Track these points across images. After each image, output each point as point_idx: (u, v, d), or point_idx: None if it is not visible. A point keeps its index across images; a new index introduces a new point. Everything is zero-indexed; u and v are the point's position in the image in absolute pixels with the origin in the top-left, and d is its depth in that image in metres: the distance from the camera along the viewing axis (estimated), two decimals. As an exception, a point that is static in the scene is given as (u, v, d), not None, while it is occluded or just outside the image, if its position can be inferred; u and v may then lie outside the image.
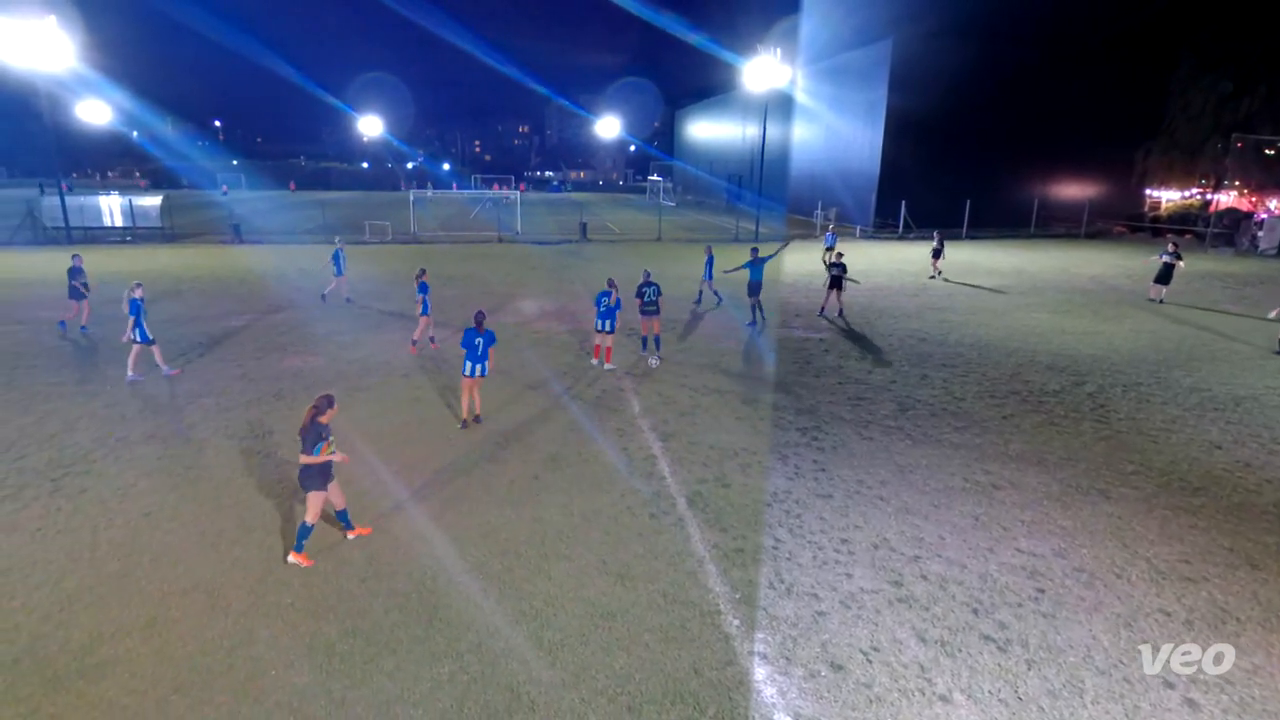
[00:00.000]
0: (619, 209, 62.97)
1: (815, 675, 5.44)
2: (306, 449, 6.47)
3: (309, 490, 6.64)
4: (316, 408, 6.54)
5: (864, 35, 42.37)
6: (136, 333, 12.07)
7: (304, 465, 6.53)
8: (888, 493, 8.40)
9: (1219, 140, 39.06)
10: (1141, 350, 15.00)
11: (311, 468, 6.54)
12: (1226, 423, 10.82)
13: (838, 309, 18.14)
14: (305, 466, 6.54)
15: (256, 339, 15.38)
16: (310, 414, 6.51)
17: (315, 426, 6.49)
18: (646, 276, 13.88)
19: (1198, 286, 22.68)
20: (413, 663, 5.53)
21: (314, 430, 6.48)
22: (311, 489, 6.63)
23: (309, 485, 6.63)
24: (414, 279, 14.49)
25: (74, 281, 15.39)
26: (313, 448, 6.45)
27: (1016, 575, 6.76)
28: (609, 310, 12.80)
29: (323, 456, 6.50)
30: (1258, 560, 7.04)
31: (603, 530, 7.52)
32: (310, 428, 6.48)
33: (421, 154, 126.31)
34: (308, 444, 6.47)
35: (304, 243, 33.74)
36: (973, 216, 38.19)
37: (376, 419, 10.73)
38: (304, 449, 6.48)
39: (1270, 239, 32.49)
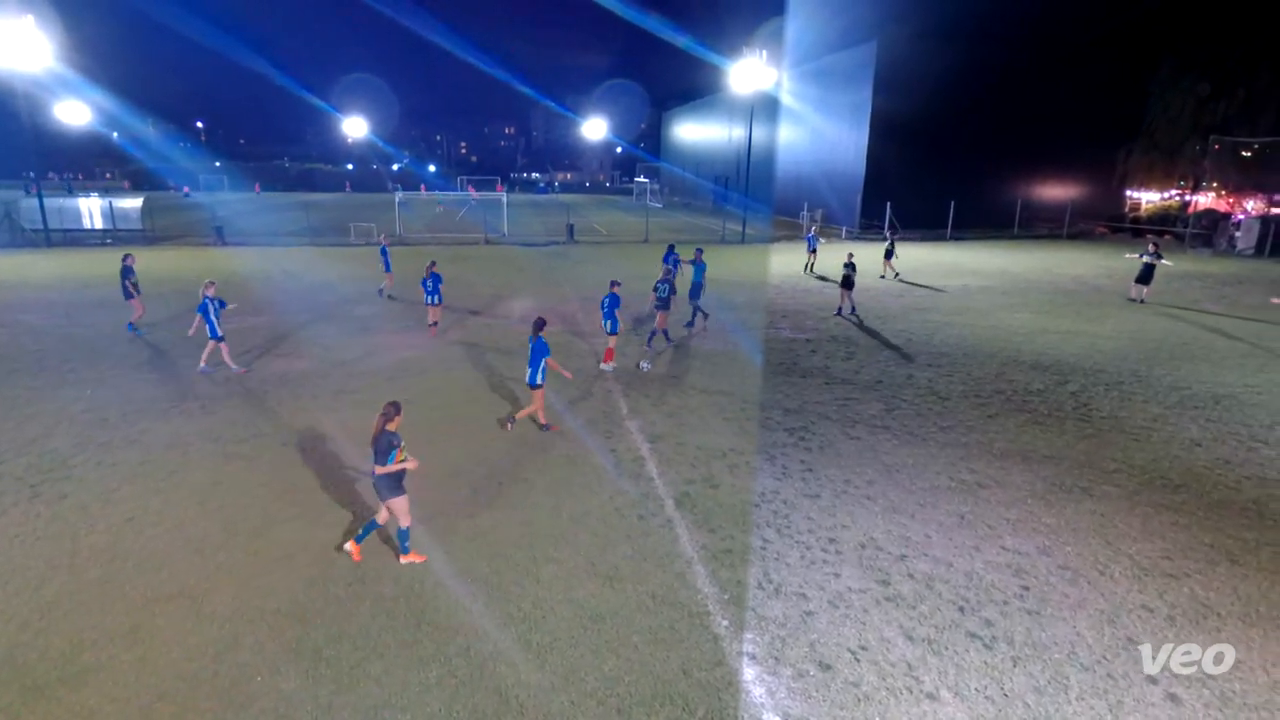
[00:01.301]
0: (606, 210, 62.97)
1: (804, 675, 5.46)
2: (380, 459, 6.43)
3: (390, 498, 6.60)
4: (385, 415, 6.51)
5: (849, 37, 42.62)
6: (208, 329, 12.43)
7: (380, 474, 6.49)
8: (874, 492, 8.45)
9: (1197, 142, 39.62)
10: (1123, 349, 15.18)
11: (388, 476, 6.52)
12: (1206, 420, 10.98)
13: (850, 307, 18.47)
14: (381, 475, 6.50)
15: (240, 342, 15.22)
16: (380, 422, 6.48)
17: (386, 435, 6.45)
18: (666, 274, 14.93)
19: (1177, 286, 23.00)
20: (400, 667, 5.50)
21: (385, 439, 6.44)
22: (391, 496, 6.60)
23: (388, 494, 6.58)
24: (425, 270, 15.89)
25: (125, 281, 15.57)
26: (386, 457, 6.41)
27: (1002, 573, 6.82)
28: (609, 310, 13.10)
29: (395, 465, 6.47)
30: (1237, 556, 7.15)
31: (591, 532, 7.51)
32: (381, 437, 6.44)
33: (407, 155, 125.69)
34: (380, 453, 6.42)
35: (288, 245, 33.48)
36: (957, 217, 38.52)
37: (364, 421, 10.63)
38: (377, 459, 6.44)
39: (1247, 239, 33.00)
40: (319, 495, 8.27)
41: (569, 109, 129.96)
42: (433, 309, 15.95)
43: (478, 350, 14.80)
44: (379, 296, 20.15)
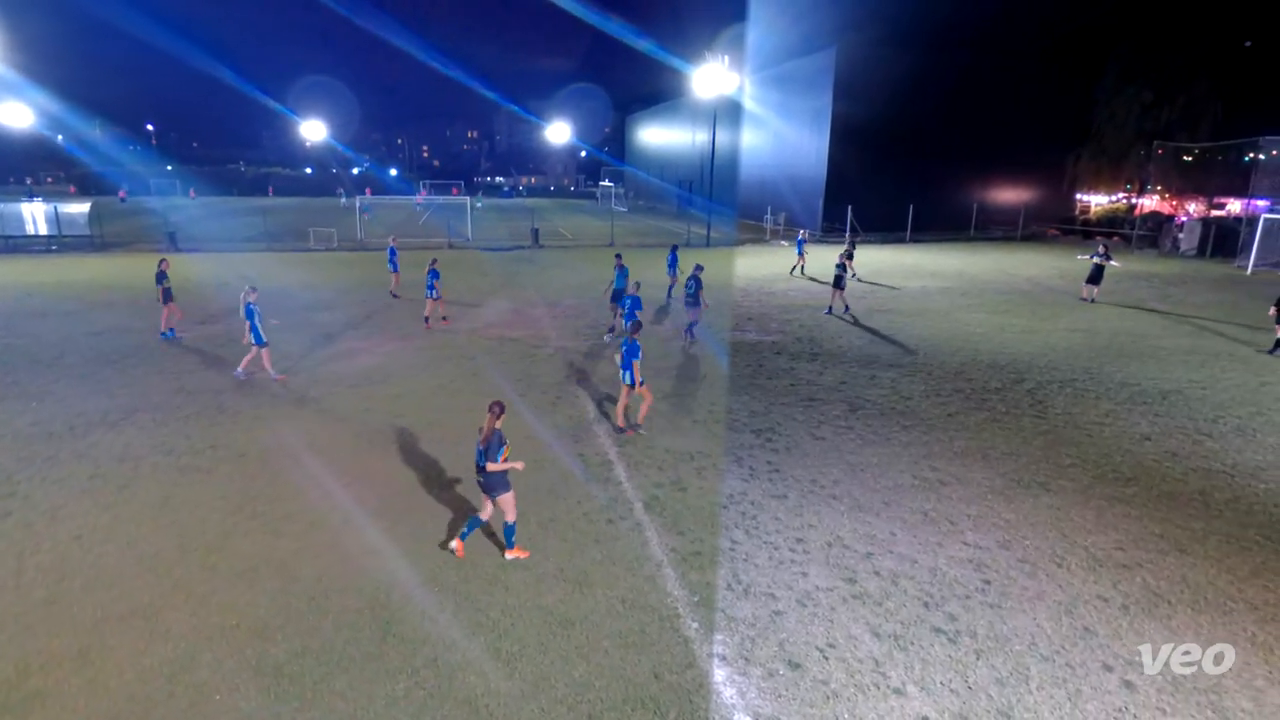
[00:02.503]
0: (571, 214, 62.82)
1: (774, 674, 5.50)
2: (492, 456, 6.69)
3: (499, 494, 6.86)
4: (494, 414, 6.79)
5: (809, 44, 43.27)
6: (251, 335, 12.41)
7: (490, 472, 6.77)
8: (840, 491, 8.57)
9: (1142, 147, 41.14)
10: (1076, 348, 15.66)
11: (497, 473, 6.78)
12: (1155, 415, 11.38)
13: (844, 306, 18.99)
14: (492, 472, 6.77)
15: (195, 350, 14.81)
16: (490, 421, 6.76)
17: (497, 434, 6.73)
18: (695, 271, 15.92)
19: (1126, 286, 23.82)
20: (366, 680, 5.39)
21: (496, 437, 6.71)
22: (501, 493, 6.86)
23: (499, 490, 6.85)
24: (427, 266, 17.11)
25: (160, 285, 15.73)
26: (497, 454, 6.68)
27: (964, 568, 6.96)
28: (630, 311, 13.74)
29: (503, 464, 6.71)
30: (1185, 545, 7.42)
31: (560, 537, 7.46)
32: (492, 435, 6.71)
33: (368, 159, 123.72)
34: (492, 451, 6.68)
35: (245, 250, 32.68)
36: (916, 220, 39.33)
37: (326, 431, 10.44)
38: (489, 456, 6.70)
39: (1190, 241, 34.35)
40: (280, 506, 8.07)
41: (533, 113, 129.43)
42: (429, 303, 16.98)
43: (441, 356, 14.62)
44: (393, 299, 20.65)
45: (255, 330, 12.44)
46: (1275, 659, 5.69)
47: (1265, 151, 34.18)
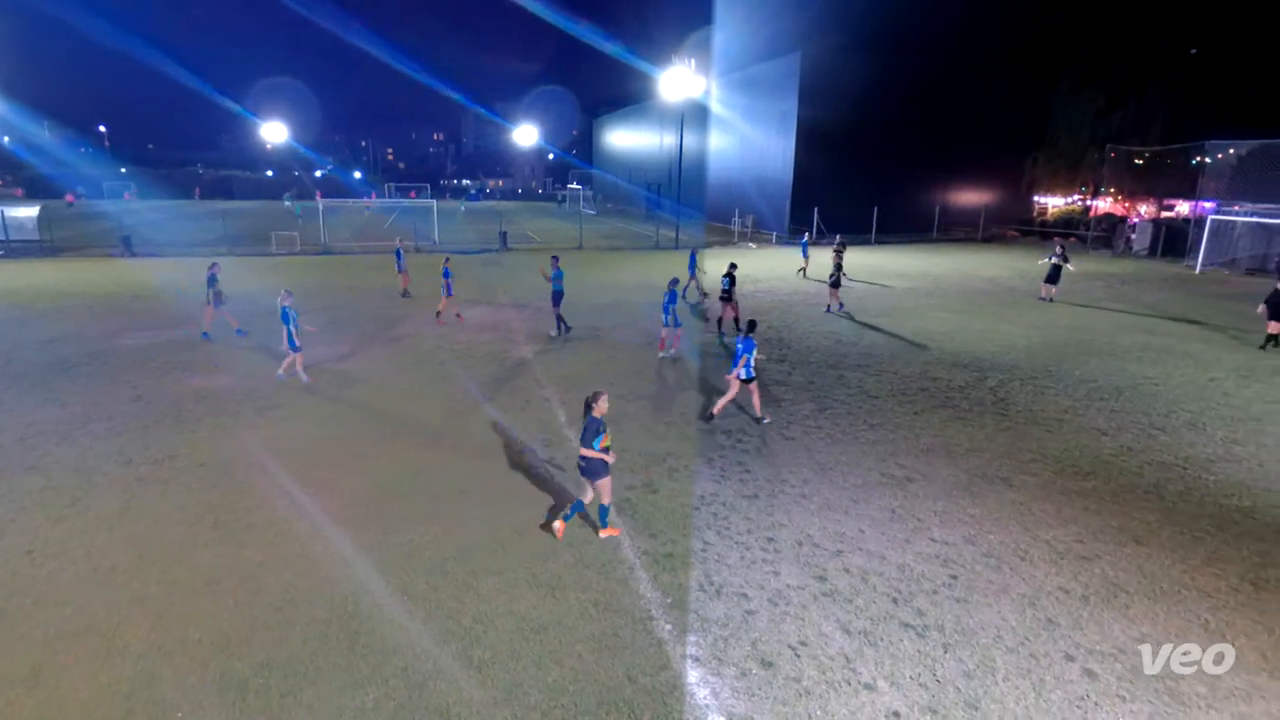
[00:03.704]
0: (539, 217, 62.56)
1: (747, 674, 5.53)
2: (586, 442, 7.02)
3: (597, 479, 7.19)
4: (593, 399, 7.08)
5: (775, 48, 43.74)
6: (286, 340, 12.33)
7: (586, 457, 7.11)
8: (810, 490, 8.66)
9: (1096, 151, 42.47)
10: (1035, 346, 16.06)
11: (594, 459, 7.07)
12: (1111, 411, 11.72)
13: (838, 304, 19.77)
14: (588, 458, 7.10)
15: (153, 358, 14.40)
16: (586, 409, 7.08)
17: (594, 421, 7.00)
18: (730, 269, 16.71)
19: (1082, 286, 24.51)
20: (334, 692, 5.29)
21: (593, 425, 7.00)
22: (598, 478, 7.18)
23: (597, 475, 7.18)
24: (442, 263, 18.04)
25: (210, 289, 15.86)
26: (593, 441, 6.98)
27: (931, 564, 7.09)
28: (665, 305, 14.36)
29: (598, 453, 7.02)
30: (1141, 536, 7.65)
31: (531, 542, 7.42)
32: (590, 423, 7.02)
33: (331, 162, 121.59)
34: (587, 438, 7.01)
35: (203, 255, 31.86)
36: (881, 222, 39.98)
37: (290, 438, 10.23)
38: (584, 443, 7.05)
39: (1142, 241, 35.51)
40: (243, 516, 7.88)
41: (499, 115, 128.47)
42: (443, 300, 17.79)
43: (409, 361, 14.43)
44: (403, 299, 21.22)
45: (289, 335, 12.28)
46: (1227, 645, 5.89)
47: (1210, 155, 35.49)
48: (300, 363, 12.75)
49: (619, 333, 17.16)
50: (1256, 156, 32.86)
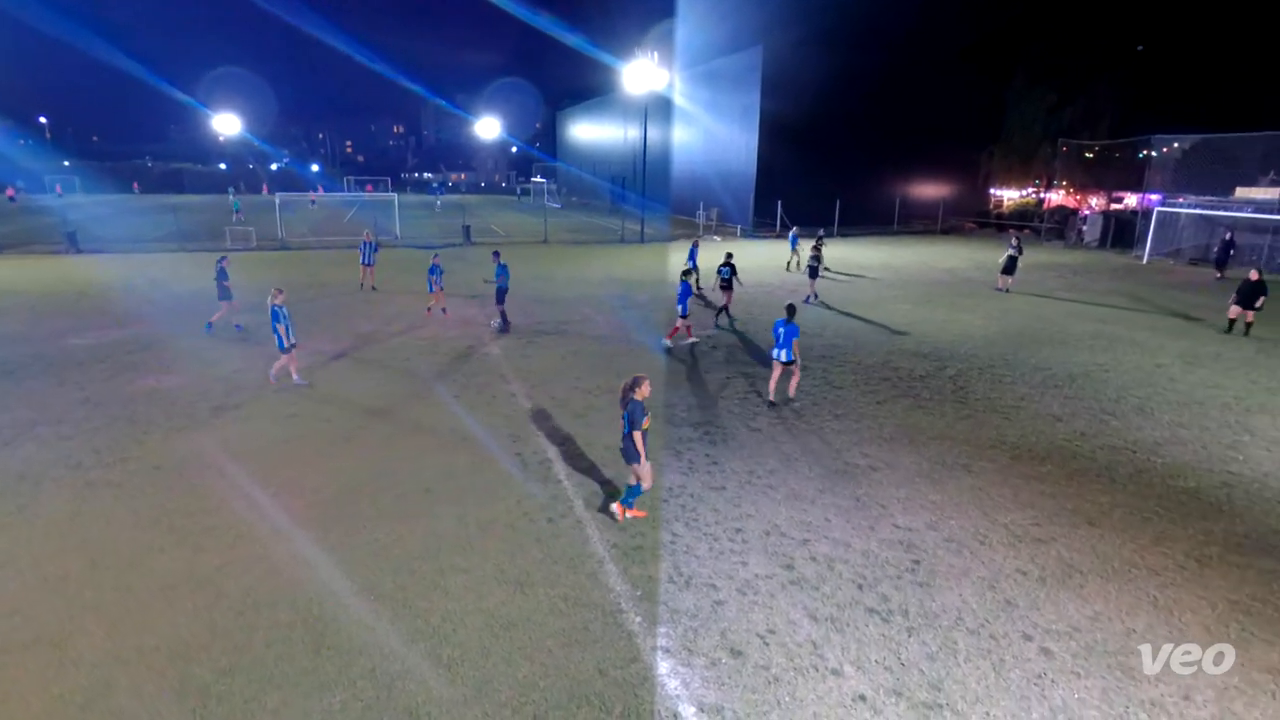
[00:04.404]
0: (503, 211, 61.96)
1: (716, 663, 5.58)
2: (636, 426, 7.16)
3: (636, 462, 7.31)
4: (630, 387, 7.23)
5: (737, 42, 43.93)
6: (276, 340, 11.91)
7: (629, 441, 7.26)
8: (776, 481, 8.76)
9: (1048, 145, 43.64)
10: (993, 336, 16.48)
11: (633, 442, 7.21)
12: (1065, 397, 12.09)
13: (814, 294, 20.61)
14: (629, 441, 7.25)
15: (101, 359, 13.91)
16: (625, 392, 7.25)
17: (634, 404, 7.17)
18: (727, 259, 17.63)
19: (1036, 276, 25.20)
20: (300, 696, 5.19)
21: (634, 407, 7.17)
22: (635, 461, 7.30)
23: (633, 458, 7.30)
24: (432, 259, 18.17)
25: (220, 282, 16.17)
26: (637, 425, 7.15)
27: (895, 549, 7.24)
28: (681, 297, 14.79)
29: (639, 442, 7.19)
30: (1094, 518, 7.92)
31: (500, 539, 7.37)
32: (632, 405, 7.17)
33: (287, 155, 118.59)
34: (635, 422, 7.16)
35: (153, 251, 30.87)
36: (843, 215, 40.53)
37: (249, 439, 9.98)
38: (633, 426, 7.17)
39: (1093, 233, 36.64)
40: (201, 520, 7.67)
41: (461, 108, 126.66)
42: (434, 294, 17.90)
43: (372, 357, 14.20)
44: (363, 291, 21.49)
45: (278, 335, 11.79)
46: (1174, 620, 6.15)
47: (1156, 149, 36.72)
48: (295, 364, 12.27)
49: (586, 327, 17.11)
50: (1199, 151, 34.10)
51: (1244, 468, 9.30)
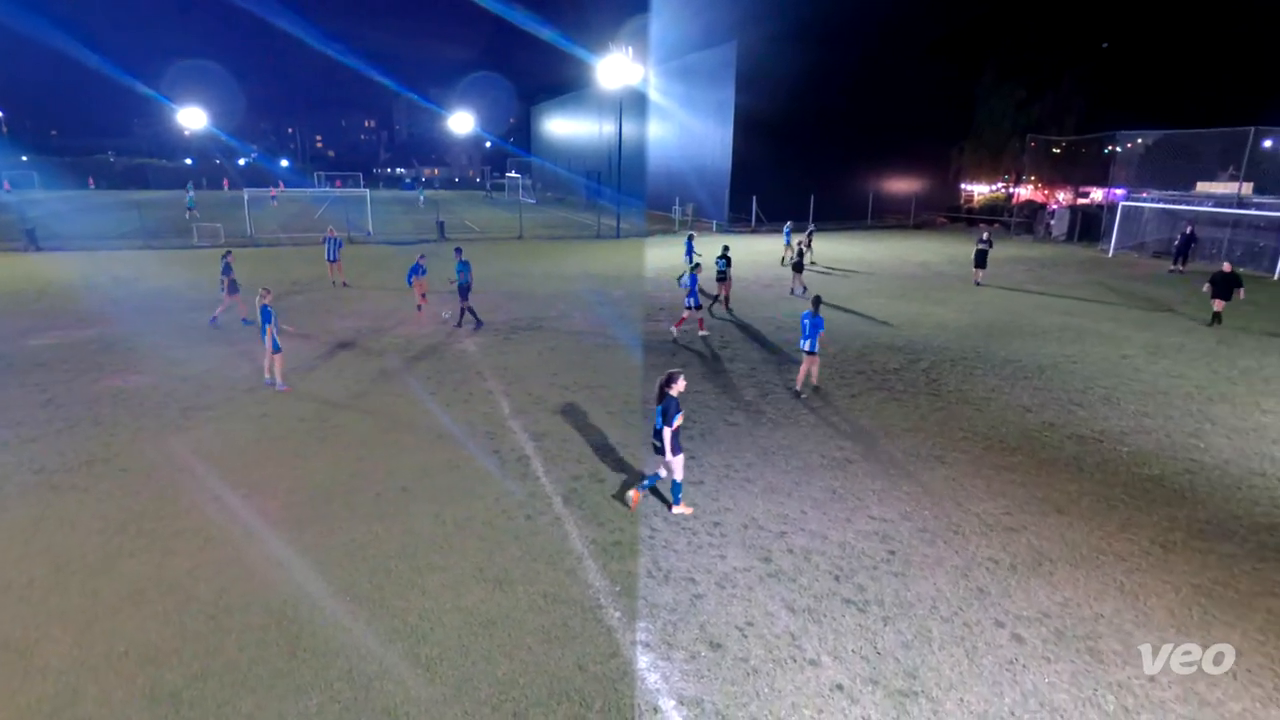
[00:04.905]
0: (477, 207, 61.42)
1: (696, 657, 5.62)
2: (668, 421, 7.30)
3: (672, 456, 7.43)
4: (667, 382, 7.36)
5: (711, 37, 43.94)
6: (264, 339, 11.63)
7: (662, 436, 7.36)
8: (753, 474, 8.82)
9: (1017, 140, 44.34)
10: (964, 328, 16.73)
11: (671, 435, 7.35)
12: (1034, 388, 12.33)
13: (802, 287, 20.98)
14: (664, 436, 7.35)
15: (64, 359, 13.55)
16: (661, 387, 7.38)
17: (669, 399, 7.31)
18: (724, 251, 18.47)
19: (1006, 270, 25.63)
20: (275, 699, 5.13)
21: (669, 402, 7.31)
22: (673, 455, 7.43)
23: (671, 452, 7.41)
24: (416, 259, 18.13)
25: (226, 277, 16.26)
26: (670, 417, 7.29)
27: (871, 540, 7.34)
28: (690, 289, 15.25)
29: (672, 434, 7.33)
30: (1063, 506, 8.10)
31: (478, 537, 7.33)
32: (667, 400, 7.32)
33: (255, 150, 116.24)
34: (668, 418, 7.30)
35: (117, 248, 30.12)
36: (817, 210, 40.76)
37: (220, 439, 9.81)
38: (665, 421, 7.31)
39: (1060, 227, 37.33)
40: (170, 523, 7.53)
41: (434, 102, 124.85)
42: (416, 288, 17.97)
43: (345, 356, 14.01)
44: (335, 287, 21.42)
45: (273, 336, 11.49)
46: (1140, 604, 6.31)
47: (1121, 144, 37.47)
48: (280, 366, 11.90)
49: (562, 323, 17.05)
50: (1162, 146, 34.87)
51: (1206, 455, 9.57)
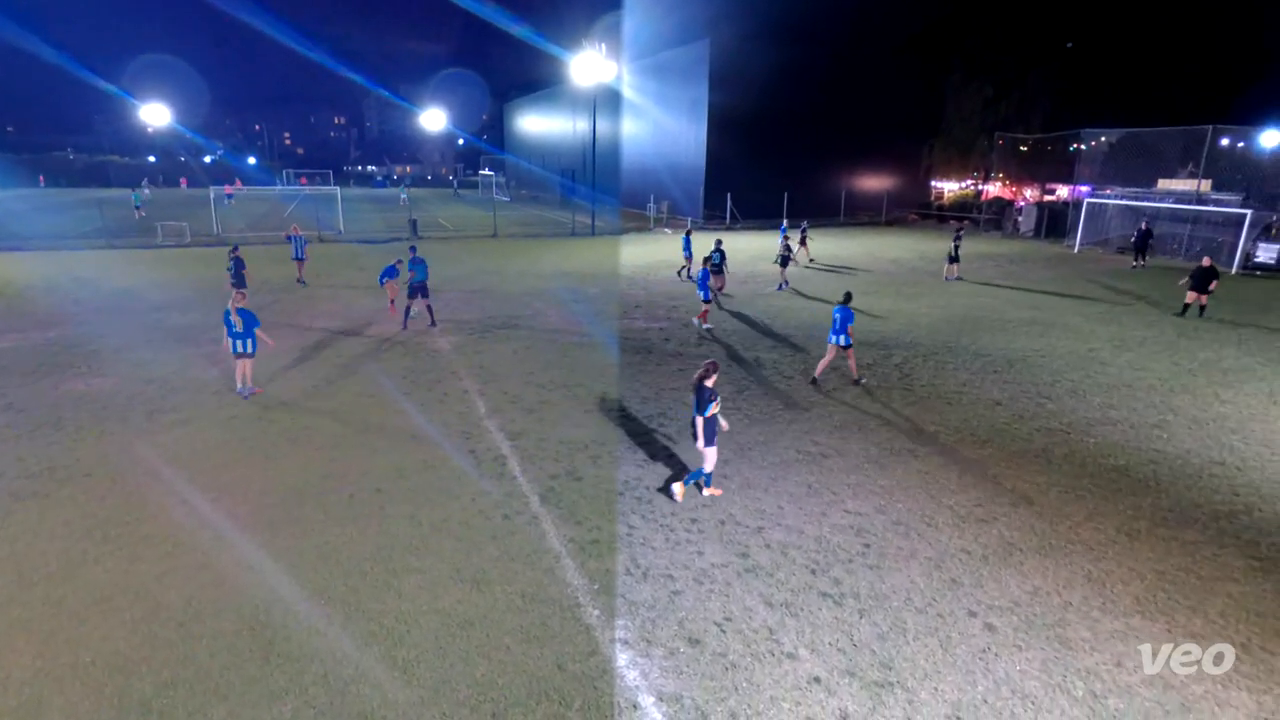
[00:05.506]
0: (450, 204, 60.85)
1: (674, 653, 5.64)
2: (699, 409, 7.48)
3: (709, 446, 7.68)
4: (704, 374, 7.51)
5: (684, 34, 44.01)
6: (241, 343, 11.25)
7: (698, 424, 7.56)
8: (730, 470, 8.87)
9: (985, 138, 45.11)
10: (936, 324, 16.98)
11: (705, 425, 7.52)
12: (1004, 382, 12.55)
13: (785, 282, 21.66)
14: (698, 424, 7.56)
15: (23, 361, 13.17)
16: (698, 379, 7.54)
17: (704, 390, 7.47)
18: (717, 245, 19.29)
19: (976, 266, 26.05)
20: (248, 706, 5.04)
21: (704, 392, 7.47)
22: (710, 445, 7.67)
23: (709, 442, 7.63)
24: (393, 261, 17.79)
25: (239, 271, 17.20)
26: (705, 407, 7.46)
27: (846, 534, 7.42)
28: (701, 282, 15.94)
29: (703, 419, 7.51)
30: (1033, 498, 8.27)
31: (454, 537, 7.27)
32: (701, 390, 7.49)
33: (221, 147, 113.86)
34: (700, 404, 7.49)
35: (77, 248, 29.32)
36: (791, 207, 41.02)
37: (187, 443, 9.60)
38: (697, 410, 7.53)
39: (1028, 223, 38.06)
40: (137, 528, 7.35)
41: (405, 99, 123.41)
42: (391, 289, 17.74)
43: (316, 356, 13.80)
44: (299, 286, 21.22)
45: (251, 337, 11.19)
46: (1108, 592, 6.47)
47: (1085, 142, 38.29)
48: (249, 369, 11.49)
49: (537, 321, 16.98)
50: (1125, 144, 35.73)
51: (1168, 445, 9.83)
